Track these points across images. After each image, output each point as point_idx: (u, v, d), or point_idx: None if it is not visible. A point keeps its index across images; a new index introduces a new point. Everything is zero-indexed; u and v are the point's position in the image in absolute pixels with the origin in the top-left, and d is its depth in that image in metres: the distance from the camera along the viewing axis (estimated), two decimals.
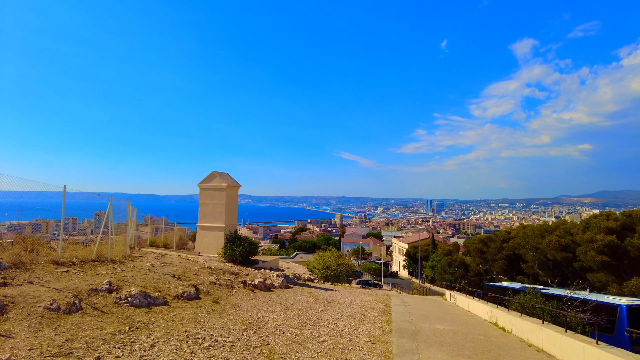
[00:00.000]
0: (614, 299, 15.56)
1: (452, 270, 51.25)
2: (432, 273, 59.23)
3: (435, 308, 21.17)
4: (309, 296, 18.21)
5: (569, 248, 32.57)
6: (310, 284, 26.32)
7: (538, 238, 36.36)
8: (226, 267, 19.46)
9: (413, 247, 74.29)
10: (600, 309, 14.04)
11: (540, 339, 11.76)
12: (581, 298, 14.80)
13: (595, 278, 29.50)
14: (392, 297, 25.64)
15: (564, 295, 15.49)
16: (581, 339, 9.99)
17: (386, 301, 21.52)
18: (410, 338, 11.85)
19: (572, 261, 32.19)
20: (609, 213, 33.77)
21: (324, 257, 34.45)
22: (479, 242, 48.02)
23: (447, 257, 54.25)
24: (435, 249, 66.02)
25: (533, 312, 14.43)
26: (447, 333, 13.31)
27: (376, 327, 13.05)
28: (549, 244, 33.72)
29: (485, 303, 19.11)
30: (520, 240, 39.34)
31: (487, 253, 45.07)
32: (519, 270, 40.06)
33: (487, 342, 12.16)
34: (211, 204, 23.77)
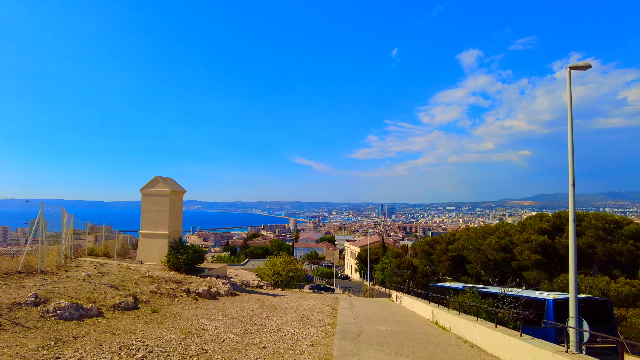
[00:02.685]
0: (542, 294, 16.69)
1: (401, 272, 52.62)
2: (382, 275, 60.50)
3: (381, 310, 21.66)
4: (255, 303, 18.05)
5: (507, 248, 34.46)
6: (259, 290, 26.08)
7: (480, 240, 38.17)
8: (169, 275, 18.87)
9: (364, 251, 75.56)
10: (531, 304, 15.03)
11: (474, 335, 12.37)
12: (513, 295, 15.76)
13: (530, 276, 31.42)
14: (341, 300, 25.94)
15: (498, 293, 16.41)
16: (508, 332, 10.63)
17: (334, 305, 21.74)
18: (352, 340, 12.06)
19: (510, 261, 34.09)
20: (542, 215, 36.14)
21: (274, 263, 34.28)
22: (426, 245, 49.69)
23: (397, 260, 55.63)
24: (385, 251, 67.50)
25: (470, 310, 15.15)
26: (389, 334, 13.67)
27: (320, 330, 13.16)
28: (490, 245, 35.52)
29: (427, 303, 19.81)
30: (464, 242, 41.14)
31: (434, 255, 46.72)
32: (463, 270, 41.85)
33: (426, 341, 12.61)
34: (154, 210, 22.97)
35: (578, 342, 12.15)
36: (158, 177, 23.47)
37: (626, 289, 23.99)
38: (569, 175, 12.87)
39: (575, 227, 12.88)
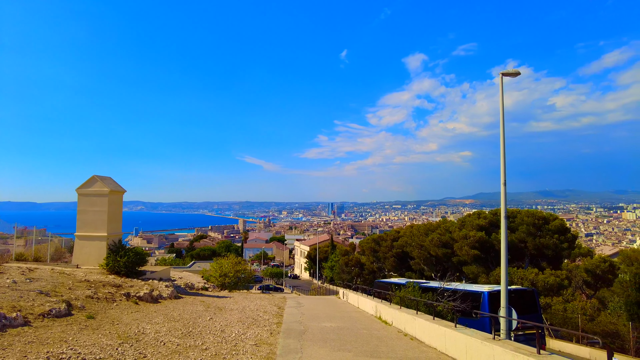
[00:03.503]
0: (479, 287, 17.72)
1: (349, 269, 53.57)
2: (331, 273, 61.25)
3: (328, 307, 21.98)
4: (199, 305, 17.68)
5: (448, 244, 36.16)
6: (205, 292, 25.55)
7: (423, 236, 39.73)
8: (108, 279, 18.01)
9: (314, 250, 76.08)
10: (468, 297, 15.91)
11: (414, 328, 12.91)
12: (451, 288, 16.61)
13: (469, 270, 33.18)
14: (289, 299, 26.01)
15: (438, 287, 17.21)
16: (444, 324, 11.21)
17: (281, 304, 21.77)
18: (296, 338, 12.17)
19: (451, 256, 35.80)
20: (480, 212, 38.27)
21: (221, 265, 33.69)
22: (372, 242, 50.95)
23: (345, 258, 56.58)
24: (334, 250, 68.41)
25: (410, 304, 15.77)
26: (333, 330, 13.93)
27: (265, 330, 13.16)
28: (432, 242, 37.09)
29: (372, 299, 20.37)
30: (408, 238, 42.65)
31: (380, 252, 48.01)
32: (407, 266, 43.38)
33: (368, 336, 12.99)
34: (92, 211, 21.80)
35: (508, 329, 13.05)
36: (96, 177, 22.30)
37: (551, 279, 26.01)
38: (501, 175, 13.78)
39: (506, 224, 13.81)
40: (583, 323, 23.04)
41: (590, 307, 25.63)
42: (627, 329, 20.67)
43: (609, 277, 31.28)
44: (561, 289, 27.02)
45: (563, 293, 26.93)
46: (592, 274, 31.31)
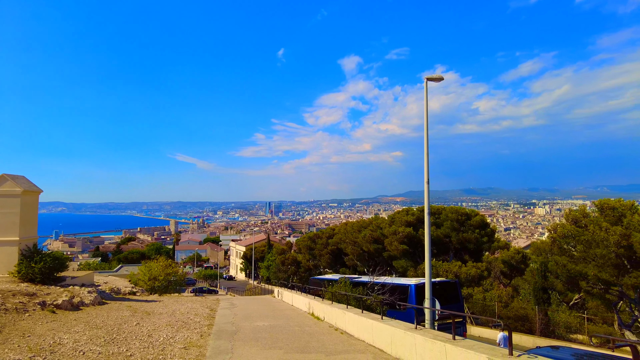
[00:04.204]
0: (407, 280, 18.60)
1: (286, 268, 53.65)
2: (267, 273, 60.90)
3: (262, 306, 21.91)
4: (125, 310, 16.83)
5: (379, 240, 37.49)
6: (132, 297, 24.32)
7: (356, 233, 40.85)
8: (20, 288, 16.55)
9: (250, 250, 75.11)
10: (397, 290, 16.66)
11: (344, 322, 13.31)
12: (381, 282, 17.30)
13: (399, 264, 34.67)
14: (222, 301, 25.55)
15: (368, 281, 17.84)
16: (372, 317, 11.68)
17: (214, 306, 21.34)
18: (227, 339, 12.04)
19: (382, 251, 37.16)
20: (408, 209, 40.11)
21: (150, 268, 32.26)
22: (308, 240, 51.47)
23: (281, 256, 56.55)
24: (271, 249, 68.05)
25: (342, 299, 16.21)
26: (266, 329, 13.95)
27: (195, 332, 12.86)
28: (365, 238, 38.26)
29: (305, 296, 20.63)
30: (342, 236, 43.62)
31: (315, 249, 48.62)
32: (342, 262, 44.36)
33: (300, 332, 13.18)
34: (1, 213, 19.88)
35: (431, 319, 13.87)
36: (6, 175, 20.34)
37: (473, 271, 27.95)
38: (425, 174, 14.56)
39: (429, 220, 14.65)
40: (499, 309, 25.06)
41: (505, 295, 27.95)
42: (534, 312, 22.83)
43: (521, 267, 34.32)
44: (481, 279, 29.15)
45: (483, 283, 29.10)
46: (508, 264, 34.16)
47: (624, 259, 18.80)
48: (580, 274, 20.88)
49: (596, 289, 21.19)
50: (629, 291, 19.53)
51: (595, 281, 20.58)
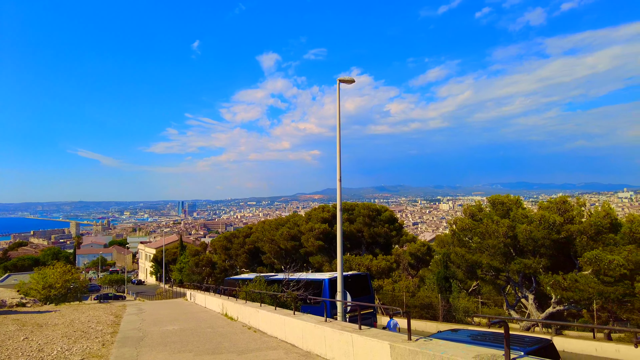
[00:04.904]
0: (321, 275, 19.01)
1: (200, 270, 51.85)
2: (180, 275, 58.40)
3: (173, 310, 20.98)
4: (11, 325, 15.03)
5: (296, 237, 37.86)
6: (21, 309, 21.81)
7: (274, 231, 40.81)
8: None
9: (160, 252, 71.35)
10: (311, 285, 16.94)
11: (258, 320, 13.25)
12: (295, 278, 17.49)
13: (315, 260, 35.35)
14: (130, 306, 24.00)
15: (283, 278, 17.93)
16: (284, 313, 11.78)
17: (119, 312, 19.96)
18: (133, 345, 11.34)
19: (299, 248, 37.58)
20: (324, 206, 41.01)
21: (45, 275, 29.23)
22: (224, 240, 50.30)
23: (195, 258, 54.56)
24: (184, 250, 65.28)
25: (256, 297, 16.11)
26: (176, 333, 13.38)
27: (96, 342, 11.91)
28: (282, 235, 38.37)
29: (219, 297, 20.17)
30: (260, 234, 43.30)
31: (232, 249, 47.66)
32: (259, 261, 44.01)
33: (212, 333, 12.85)
34: None
35: (343, 312, 14.35)
36: None
37: (383, 264, 29.45)
38: (337, 172, 14.99)
39: (341, 216, 15.13)
40: (407, 299, 26.72)
41: (412, 285, 29.89)
42: (437, 300, 24.73)
43: (427, 259, 36.92)
44: (391, 271, 30.86)
45: (392, 275, 30.81)
46: (415, 256, 36.52)
47: (510, 248, 21.14)
48: (477, 263, 23.08)
49: (489, 275, 23.58)
50: (514, 276, 22.02)
51: (488, 269, 22.90)
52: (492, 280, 24.29)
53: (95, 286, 68.06)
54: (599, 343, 16.95)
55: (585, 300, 18.68)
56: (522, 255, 21.04)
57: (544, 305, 21.56)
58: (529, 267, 20.43)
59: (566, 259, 20.71)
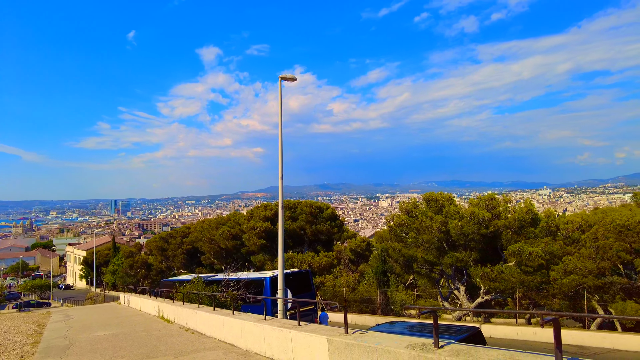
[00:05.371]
0: (263, 274, 18.89)
1: (134, 272, 49.48)
2: (113, 278, 55.37)
3: (104, 315, 19.83)
4: None
5: (238, 236, 37.28)
6: None
7: (214, 230, 39.87)
8: None
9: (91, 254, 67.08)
10: (252, 284, 16.76)
11: (196, 321, 12.90)
12: (235, 278, 17.21)
13: (257, 259, 35.03)
14: (55, 313, 22.37)
15: (223, 278, 17.57)
16: (223, 313, 11.57)
17: (42, 320, 18.53)
18: (58, 355, 10.58)
19: (240, 247, 37.03)
20: (267, 204, 40.75)
21: None
22: (161, 240, 48.36)
23: (129, 259, 51.95)
24: (117, 252, 61.84)
25: (194, 299, 15.66)
26: (107, 338, 12.66)
27: (13, 354, 10.96)
28: (222, 235, 37.59)
29: (155, 299, 19.37)
30: (199, 234, 42.10)
31: (168, 250, 45.94)
32: (198, 262, 42.79)
33: (147, 337, 12.32)
34: None
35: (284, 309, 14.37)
36: None
37: (325, 260, 29.84)
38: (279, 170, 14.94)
39: (283, 213, 15.11)
40: (347, 294, 27.25)
41: (352, 280, 30.51)
42: (376, 294, 25.48)
43: (367, 254, 37.88)
44: (332, 267, 31.34)
45: (333, 271, 31.29)
46: (356, 252, 37.32)
47: (443, 243, 22.28)
48: (413, 257, 24.07)
49: (424, 269, 24.69)
50: (447, 269, 23.24)
51: (423, 262, 23.97)
52: (427, 274, 25.47)
53: (14, 294, 62.61)
54: (520, 328, 18.37)
55: (509, 289, 20.15)
56: (454, 249, 22.24)
57: (474, 295, 22.95)
58: (461, 261, 21.65)
59: (494, 252, 22.20)
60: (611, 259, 17.46)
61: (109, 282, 56.88)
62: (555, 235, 20.25)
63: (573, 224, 20.59)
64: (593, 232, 18.79)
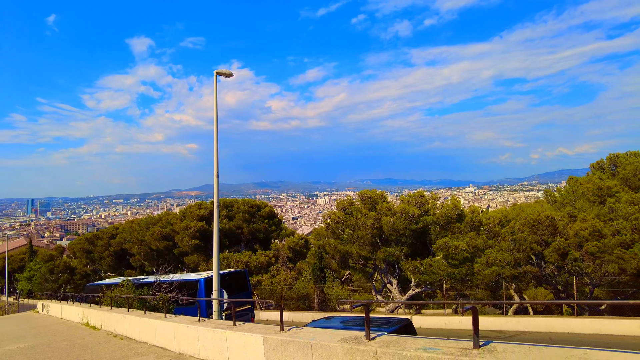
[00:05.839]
0: (197, 275, 18.39)
1: (55, 277, 45.74)
2: (29, 285, 50.74)
3: (18, 326, 18.21)
4: None
5: (170, 237, 35.87)
6: None
7: (144, 231, 38.03)
8: None
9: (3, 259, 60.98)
10: (185, 285, 16.27)
11: (125, 327, 12.29)
12: (168, 280, 16.61)
13: (190, 260, 33.96)
14: None
15: (154, 281, 16.88)
16: (155, 317, 11.13)
17: None
18: None
19: (173, 248, 35.68)
20: (201, 203, 39.65)
21: None
22: (85, 242, 45.32)
23: (49, 263, 47.88)
24: (34, 256, 56.70)
25: (123, 303, 14.88)
26: (21, 352, 11.64)
27: None
28: (153, 235, 35.97)
29: (79, 305, 18.14)
30: (127, 235, 39.96)
31: (94, 252, 43.14)
32: (127, 264, 40.58)
33: (70, 347, 11.51)
34: None
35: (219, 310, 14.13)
36: None
37: (262, 259, 29.66)
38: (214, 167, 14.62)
39: (219, 212, 14.82)
40: (285, 292, 27.32)
41: (290, 278, 30.63)
42: (313, 290, 25.81)
43: (304, 252, 38.19)
44: (270, 266, 31.21)
45: (271, 270, 31.17)
46: (293, 250, 37.46)
47: (377, 238, 23.09)
48: (348, 253, 24.68)
49: (359, 264, 25.42)
50: (381, 264, 24.12)
51: (358, 258, 24.68)
52: (362, 269, 26.27)
53: None
54: (447, 317, 19.57)
55: (438, 281, 21.38)
56: (387, 244, 23.14)
57: (406, 288, 24.05)
58: (393, 255, 22.58)
59: (423, 246, 23.40)
60: (525, 250, 19.11)
61: (24, 289, 52.09)
62: (478, 230, 21.79)
63: (494, 219, 22.28)
64: (511, 226, 20.44)
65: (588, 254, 16.75)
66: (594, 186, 19.47)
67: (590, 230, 16.72)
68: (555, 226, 18.27)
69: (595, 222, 16.93)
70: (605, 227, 16.79)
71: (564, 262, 18.05)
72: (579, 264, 17.42)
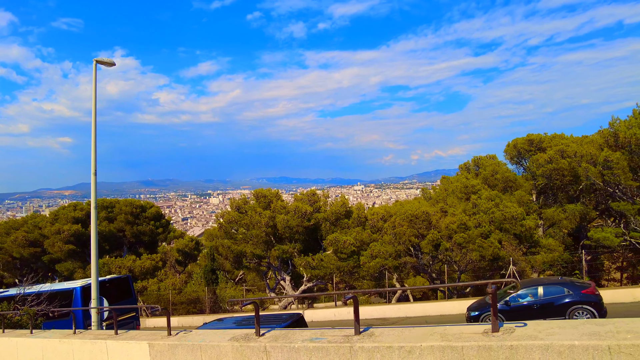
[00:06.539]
0: (72, 283, 16.60)
1: None
2: None
3: None
4: None
5: (38, 242, 31.72)
6: None
7: (4, 237, 33.09)
8: None
9: None
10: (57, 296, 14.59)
11: None
12: (34, 292, 14.72)
13: (64, 267, 30.46)
14: None
15: (17, 294, 14.85)
16: (17, 334, 9.82)
17: None
18: None
19: (41, 255, 31.59)
20: (77, 204, 35.79)
21: None
22: None
23: None
24: None
25: None
26: None
27: None
28: (16, 242, 31.49)
29: None
30: None
31: None
32: None
33: None
34: None
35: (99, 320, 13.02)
36: None
37: (148, 263, 27.91)
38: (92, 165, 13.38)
39: (97, 214, 13.61)
40: (173, 297, 26.09)
41: (179, 282, 29.33)
42: (204, 293, 25.10)
43: (195, 254, 36.84)
44: (157, 270, 29.49)
45: (158, 274, 29.47)
46: (183, 252, 35.89)
47: (271, 236, 23.32)
48: (242, 252, 24.48)
49: (252, 263, 25.37)
50: (275, 261, 24.40)
51: (252, 257, 24.63)
52: (256, 267, 26.28)
53: None
54: (337, 309, 20.63)
55: (328, 275, 22.39)
56: (281, 242, 23.50)
57: (299, 284, 24.68)
58: (287, 252, 23.01)
59: (315, 242, 24.26)
60: (405, 243, 21.04)
61: None
62: (364, 225, 23.31)
63: (378, 215, 24.05)
64: (392, 221, 22.29)
65: (456, 244, 19.06)
66: (461, 185, 22.19)
67: (458, 224, 19.05)
68: (430, 220, 20.42)
69: (462, 216, 19.35)
70: (470, 220, 19.28)
71: (437, 252, 20.29)
72: (449, 254, 19.74)
